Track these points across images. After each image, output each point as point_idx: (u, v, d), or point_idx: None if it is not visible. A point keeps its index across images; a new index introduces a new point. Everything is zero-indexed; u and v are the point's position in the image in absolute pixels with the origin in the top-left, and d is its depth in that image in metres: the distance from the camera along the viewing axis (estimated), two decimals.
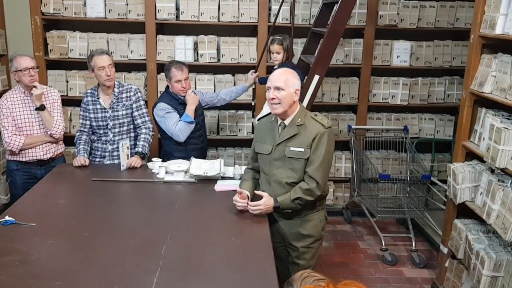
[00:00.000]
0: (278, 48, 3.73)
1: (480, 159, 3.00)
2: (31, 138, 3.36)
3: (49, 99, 3.44)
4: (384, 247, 3.99)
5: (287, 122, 2.59)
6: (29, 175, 3.41)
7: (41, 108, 3.33)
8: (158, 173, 3.20)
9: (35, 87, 3.29)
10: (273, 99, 2.52)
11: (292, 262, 2.70)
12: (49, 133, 3.39)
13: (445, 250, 3.37)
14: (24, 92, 3.36)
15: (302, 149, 2.53)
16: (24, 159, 3.38)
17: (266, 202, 2.55)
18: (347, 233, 4.49)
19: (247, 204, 2.58)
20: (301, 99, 3.38)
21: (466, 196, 3.07)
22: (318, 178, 2.52)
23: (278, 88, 2.51)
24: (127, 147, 3.35)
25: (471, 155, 3.17)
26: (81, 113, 3.51)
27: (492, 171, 2.89)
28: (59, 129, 3.41)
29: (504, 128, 2.58)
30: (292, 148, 2.55)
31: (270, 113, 2.73)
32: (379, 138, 4.69)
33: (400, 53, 4.51)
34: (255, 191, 2.65)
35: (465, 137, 3.19)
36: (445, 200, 3.85)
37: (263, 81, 3.91)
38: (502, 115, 2.84)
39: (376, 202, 4.24)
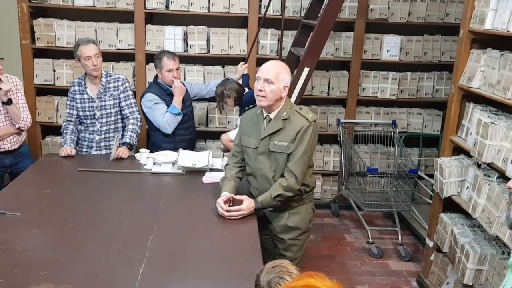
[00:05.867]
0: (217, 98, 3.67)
1: (467, 154, 3.02)
2: None
3: (13, 90, 3.28)
4: (370, 240, 4.01)
5: (272, 115, 2.55)
6: None
7: (8, 102, 3.23)
8: (145, 164, 3.18)
9: (1, 80, 3.15)
10: (260, 90, 2.48)
11: (279, 254, 2.69)
12: (17, 126, 3.31)
13: (431, 244, 3.40)
14: None
15: (285, 143, 2.51)
16: None
17: (248, 205, 2.50)
18: (334, 226, 4.51)
19: (227, 210, 2.48)
20: (290, 92, 3.38)
21: (452, 190, 3.09)
22: (297, 172, 2.49)
23: (267, 81, 2.46)
24: (118, 139, 3.32)
25: (458, 150, 3.19)
26: (68, 102, 3.47)
27: (479, 165, 2.92)
28: (27, 123, 3.34)
29: (491, 123, 2.61)
30: (276, 142, 2.52)
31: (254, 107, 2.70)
32: (368, 132, 4.70)
33: (390, 47, 4.51)
34: (234, 196, 2.56)
35: (452, 132, 3.21)
36: (432, 194, 3.88)
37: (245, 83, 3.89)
38: (490, 110, 2.86)
39: (363, 195, 4.26)
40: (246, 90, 3.73)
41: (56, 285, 1.10)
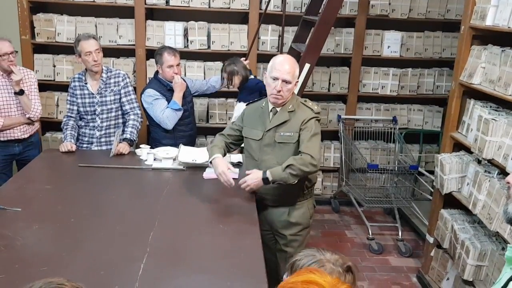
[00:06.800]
0: (223, 74, 3.73)
1: (468, 150, 3.02)
2: (9, 120, 3.43)
3: (27, 82, 3.49)
4: (371, 236, 4.02)
5: (278, 108, 2.59)
6: (7, 151, 3.51)
7: (20, 93, 3.39)
8: (146, 160, 3.18)
9: (12, 71, 3.33)
10: (279, 91, 2.49)
11: (280, 250, 2.71)
12: (27, 116, 3.47)
13: (431, 240, 3.41)
14: (2, 74, 3.39)
15: (291, 133, 2.53)
16: (2, 139, 3.45)
17: (252, 176, 2.46)
18: (334, 222, 4.51)
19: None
20: None
21: (452, 186, 3.09)
22: (311, 151, 2.46)
23: (285, 81, 2.48)
24: (119, 135, 3.33)
25: (458, 146, 3.19)
26: (68, 98, 3.47)
27: (479, 162, 2.92)
28: (37, 113, 3.52)
29: (492, 119, 2.60)
30: (281, 133, 2.55)
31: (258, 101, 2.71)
32: (368, 128, 4.70)
33: (390, 43, 4.50)
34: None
35: (453, 128, 3.21)
36: (432, 190, 3.89)
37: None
38: (490, 107, 2.86)
39: (364, 192, 4.26)
40: (252, 76, 3.78)
41: (70, 281, 1.10)
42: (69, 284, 1.08)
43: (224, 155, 2.71)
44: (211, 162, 2.65)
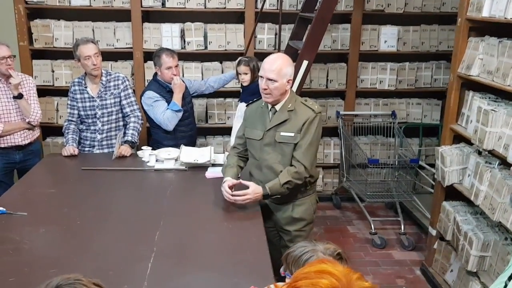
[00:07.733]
0: (245, 69, 3.69)
1: (468, 142, 3.04)
2: (9, 125, 3.43)
3: (25, 87, 3.49)
4: (373, 231, 4.03)
5: (277, 107, 2.59)
6: (7, 159, 3.49)
7: (19, 96, 3.40)
8: (148, 161, 3.19)
9: (10, 75, 3.34)
10: (265, 89, 2.51)
11: (285, 246, 2.71)
12: (27, 120, 3.47)
13: (434, 232, 3.42)
14: (0, 80, 3.40)
15: (292, 134, 2.54)
16: (2, 145, 3.43)
17: (254, 190, 2.50)
18: (336, 218, 4.53)
19: (232, 194, 2.51)
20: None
21: (454, 178, 3.11)
22: (306, 162, 2.52)
23: (270, 80, 2.50)
24: (120, 137, 3.34)
25: (458, 138, 3.21)
26: (69, 102, 3.48)
27: (480, 153, 2.93)
28: (37, 117, 3.50)
29: (492, 110, 2.62)
30: (282, 133, 2.55)
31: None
32: (367, 123, 4.72)
33: (387, 38, 4.52)
34: (241, 181, 2.58)
35: (452, 120, 3.23)
36: (433, 183, 3.90)
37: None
38: (489, 98, 2.88)
39: (365, 187, 4.27)
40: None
41: (85, 276, 1.13)
42: (85, 279, 1.10)
43: (243, 167, 2.77)
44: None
